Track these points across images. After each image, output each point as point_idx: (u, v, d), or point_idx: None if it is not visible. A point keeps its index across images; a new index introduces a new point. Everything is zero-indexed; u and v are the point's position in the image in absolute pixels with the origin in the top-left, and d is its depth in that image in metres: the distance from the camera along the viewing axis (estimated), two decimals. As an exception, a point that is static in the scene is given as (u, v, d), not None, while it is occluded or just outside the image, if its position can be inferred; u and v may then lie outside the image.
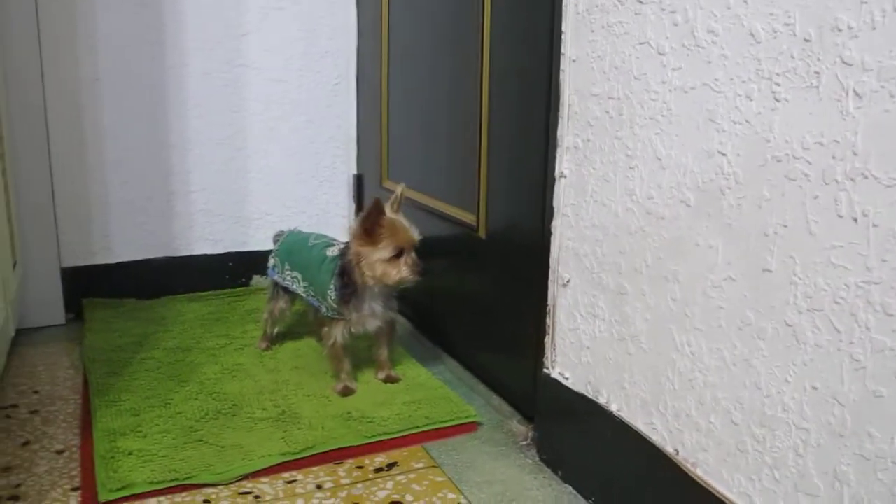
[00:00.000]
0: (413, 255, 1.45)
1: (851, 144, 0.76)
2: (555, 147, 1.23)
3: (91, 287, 2.03)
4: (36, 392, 1.55)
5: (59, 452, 1.32)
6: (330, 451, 1.32)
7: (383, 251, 1.43)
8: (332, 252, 1.53)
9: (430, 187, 1.77)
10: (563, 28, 1.19)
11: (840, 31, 0.76)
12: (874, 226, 0.75)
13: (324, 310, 1.54)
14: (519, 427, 1.40)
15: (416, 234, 1.46)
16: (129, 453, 1.29)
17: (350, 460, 1.31)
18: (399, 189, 1.50)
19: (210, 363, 1.67)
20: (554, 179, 1.24)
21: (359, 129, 2.23)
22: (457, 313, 1.71)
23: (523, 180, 1.37)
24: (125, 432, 1.35)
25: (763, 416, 0.89)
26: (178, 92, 2.04)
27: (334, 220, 2.28)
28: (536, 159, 1.31)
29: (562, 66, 1.20)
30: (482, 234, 1.53)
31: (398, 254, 1.43)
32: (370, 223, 1.42)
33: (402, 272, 1.44)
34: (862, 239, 0.76)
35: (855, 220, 0.77)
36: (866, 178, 0.75)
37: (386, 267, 1.43)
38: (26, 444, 1.34)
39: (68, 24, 1.89)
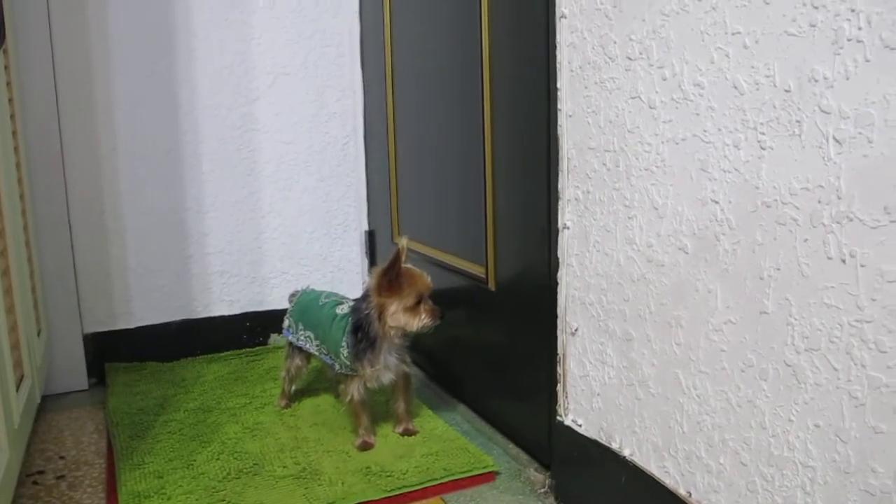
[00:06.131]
0: (429, 301, 1.50)
1: (836, 189, 0.79)
2: (557, 200, 1.27)
3: (113, 351, 2.07)
4: (62, 457, 1.58)
5: (86, 517, 1.35)
6: (350, 506, 1.34)
7: (407, 299, 1.48)
8: (342, 310, 1.57)
9: (441, 241, 1.81)
10: (558, 85, 1.23)
11: (817, 81, 0.80)
12: (862, 266, 0.77)
13: (337, 367, 1.57)
14: (536, 475, 1.41)
15: (429, 280, 1.51)
16: (154, 516, 1.31)
17: (370, 514, 1.33)
18: (403, 241, 1.54)
19: (231, 423, 1.69)
20: (558, 231, 1.28)
21: (369, 186, 2.28)
22: (471, 364, 1.73)
23: (529, 233, 1.40)
24: (150, 495, 1.38)
25: (770, 456, 0.91)
26: (193, 157, 2.10)
27: (348, 277, 2.33)
28: (540, 212, 1.34)
29: (559, 122, 1.24)
30: (492, 285, 1.56)
31: (418, 301, 1.48)
32: (394, 274, 1.47)
33: (423, 319, 1.48)
34: (851, 279, 0.79)
35: (843, 261, 0.79)
36: (851, 220, 0.78)
37: (408, 315, 1.48)
38: (53, 510, 1.37)
39: (87, 93, 1.96)
